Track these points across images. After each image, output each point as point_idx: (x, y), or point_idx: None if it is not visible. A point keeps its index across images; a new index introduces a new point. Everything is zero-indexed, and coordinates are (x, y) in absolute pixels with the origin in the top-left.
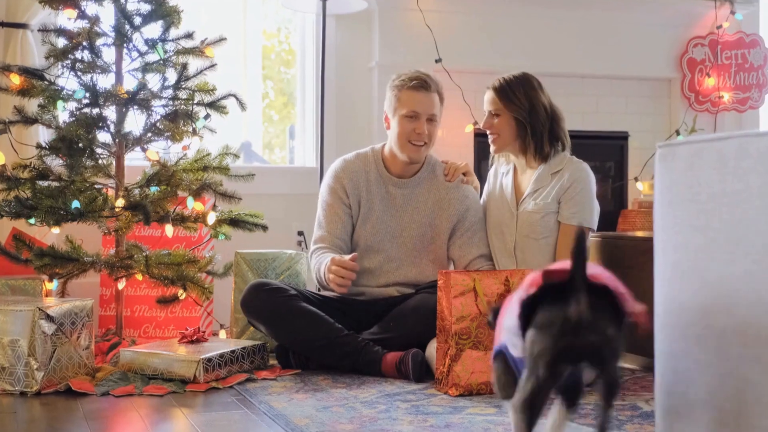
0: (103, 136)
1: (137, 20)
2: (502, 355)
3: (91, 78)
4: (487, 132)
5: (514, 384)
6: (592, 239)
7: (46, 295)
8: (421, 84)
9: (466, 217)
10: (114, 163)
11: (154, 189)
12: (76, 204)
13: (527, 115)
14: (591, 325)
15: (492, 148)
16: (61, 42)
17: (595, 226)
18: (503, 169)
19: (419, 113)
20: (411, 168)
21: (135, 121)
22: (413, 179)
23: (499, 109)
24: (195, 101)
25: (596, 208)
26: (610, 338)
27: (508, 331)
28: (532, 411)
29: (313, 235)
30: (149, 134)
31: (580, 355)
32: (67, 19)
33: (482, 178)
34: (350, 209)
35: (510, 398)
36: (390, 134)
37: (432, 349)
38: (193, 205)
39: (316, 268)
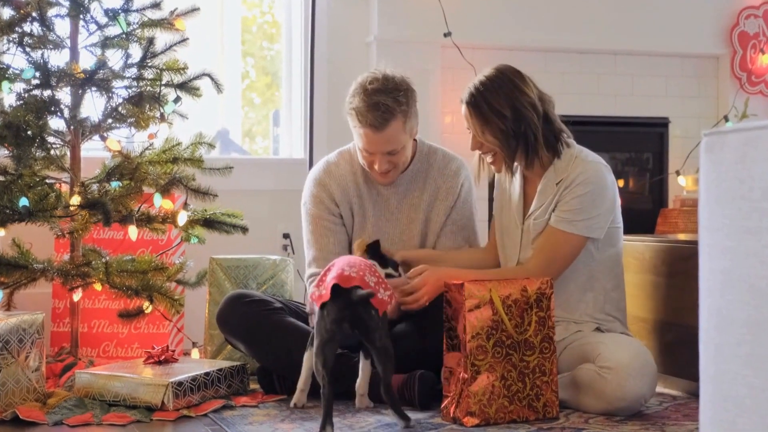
0: (55, 123)
1: None
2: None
3: (42, 55)
4: (480, 153)
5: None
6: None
7: None
8: (375, 126)
9: (455, 207)
10: (68, 154)
11: (115, 184)
12: (24, 202)
13: (513, 125)
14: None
15: (493, 169)
16: (6, 12)
17: (591, 234)
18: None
19: (374, 152)
20: None
21: (93, 105)
22: (405, 175)
23: (480, 125)
24: (163, 82)
25: (600, 215)
26: (369, 314)
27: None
28: (324, 354)
29: (305, 256)
30: (110, 120)
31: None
32: None
33: None
34: (341, 219)
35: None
36: None
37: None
38: (160, 203)
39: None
